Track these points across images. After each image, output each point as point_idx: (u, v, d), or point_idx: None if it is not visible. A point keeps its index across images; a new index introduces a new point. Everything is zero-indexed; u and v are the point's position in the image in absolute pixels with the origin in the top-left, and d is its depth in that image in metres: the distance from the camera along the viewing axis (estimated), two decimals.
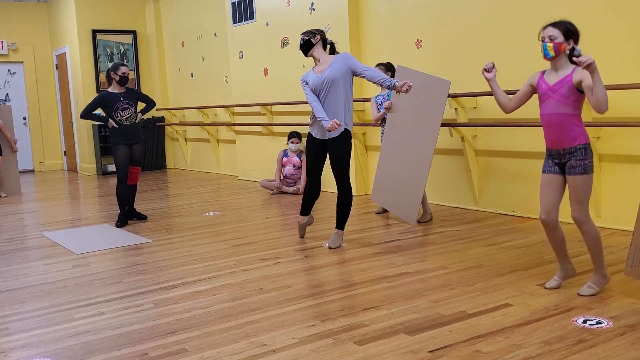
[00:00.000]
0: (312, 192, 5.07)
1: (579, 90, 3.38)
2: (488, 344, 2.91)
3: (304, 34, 4.90)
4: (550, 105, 3.45)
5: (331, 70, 4.76)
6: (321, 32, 4.92)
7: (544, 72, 3.56)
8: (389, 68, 5.95)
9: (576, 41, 3.42)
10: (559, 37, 3.37)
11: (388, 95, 5.98)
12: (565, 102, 3.40)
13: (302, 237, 5.34)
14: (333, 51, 4.97)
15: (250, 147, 9.42)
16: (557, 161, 3.51)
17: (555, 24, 3.41)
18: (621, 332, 2.98)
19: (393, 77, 5.89)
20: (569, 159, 3.46)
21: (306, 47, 4.87)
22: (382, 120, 6.08)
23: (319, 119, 4.76)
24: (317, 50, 4.89)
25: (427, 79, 5.64)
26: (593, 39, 5.07)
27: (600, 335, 2.95)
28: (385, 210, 6.30)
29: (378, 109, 6.06)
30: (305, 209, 5.19)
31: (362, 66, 4.79)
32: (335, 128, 4.64)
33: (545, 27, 3.44)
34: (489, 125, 5.90)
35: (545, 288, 3.66)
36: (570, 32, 3.39)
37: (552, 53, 3.38)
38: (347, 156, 4.85)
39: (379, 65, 5.94)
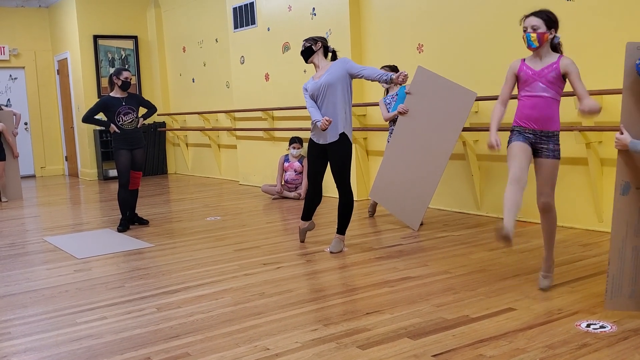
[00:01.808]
0: (313, 198, 5.08)
1: (564, 78, 3.50)
2: (491, 348, 2.90)
3: (306, 40, 4.94)
4: (537, 88, 3.52)
5: (328, 75, 4.78)
6: (323, 40, 4.95)
7: (523, 60, 3.62)
8: (393, 69, 5.96)
9: (557, 29, 3.50)
10: (542, 27, 3.45)
11: (397, 96, 5.94)
12: (551, 88, 3.50)
13: (302, 241, 5.33)
14: (334, 58, 4.99)
15: (252, 152, 9.42)
16: (530, 138, 3.56)
17: (537, 14, 3.48)
18: (625, 336, 2.98)
19: None
20: (545, 142, 3.54)
21: (307, 53, 4.91)
22: (392, 120, 6.04)
23: (313, 121, 4.78)
24: (317, 57, 4.92)
25: (451, 87, 5.53)
26: (595, 43, 5.08)
27: (603, 340, 2.94)
28: (374, 212, 6.38)
29: (387, 110, 6.02)
30: (307, 214, 5.19)
31: (359, 67, 4.81)
32: (327, 125, 4.66)
33: (527, 17, 3.50)
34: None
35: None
36: (552, 20, 3.48)
37: (536, 43, 3.46)
38: (347, 160, 4.85)
39: (384, 67, 5.97)
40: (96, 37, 11.48)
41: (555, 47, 3.55)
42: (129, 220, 6.44)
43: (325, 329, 3.23)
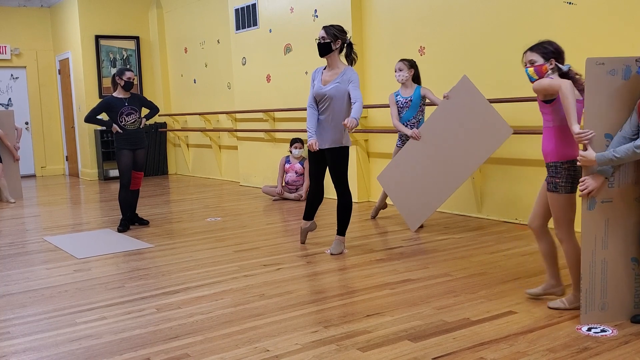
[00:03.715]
0: (315, 197, 5.07)
1: (545, 102, 3.36)
2: (492, 351, 2.89)
3: (327, 32, 4.74)
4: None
5: (334, 87, 4.74)
6: (343, 37, 4.78)
7: None
8: (412, 65, 5.76)
9: (558, 58, 3.39)
10: (539, 60, 3.39)
11: (412, 101, 5.73)
12: (543, 115, 3.42)
13: (303, 242, 5.32)
14: (350, 51, 4.84)
15: (252, 153, 9.41)
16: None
17: (532, 48, 3.43)
18: (626, 340, 2.97)
19: (417, 75, 5.81)
20: (548, 175, 3.41)
21: (324, 49, 4.76)
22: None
23: (307, 128, 4.81)
24: (332, 57, 4.80)
25: (490, 112, 5.30)
26: (596, 47, 5.08)
27: (604, 344, 2.94)
28: (376, 215, 6.38)
29: (398, 112, 5.77)
30: (309, 214, 5.18)
31: (354, 92, 4.66)
32: (314, 149, 4.73)
33: (525, 52, 3.46)
34: None
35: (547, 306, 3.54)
36: (549, 52, 3.39)
37: (534, 76, 3.40)
38: (343, 162, 4.85)
39: (402, 60, 5.76)
40: (98, 37, 11.48)
41: (565, 75, 3.36)
42: (129, 221, 6.43)
43: (326, 331, 3.23)
